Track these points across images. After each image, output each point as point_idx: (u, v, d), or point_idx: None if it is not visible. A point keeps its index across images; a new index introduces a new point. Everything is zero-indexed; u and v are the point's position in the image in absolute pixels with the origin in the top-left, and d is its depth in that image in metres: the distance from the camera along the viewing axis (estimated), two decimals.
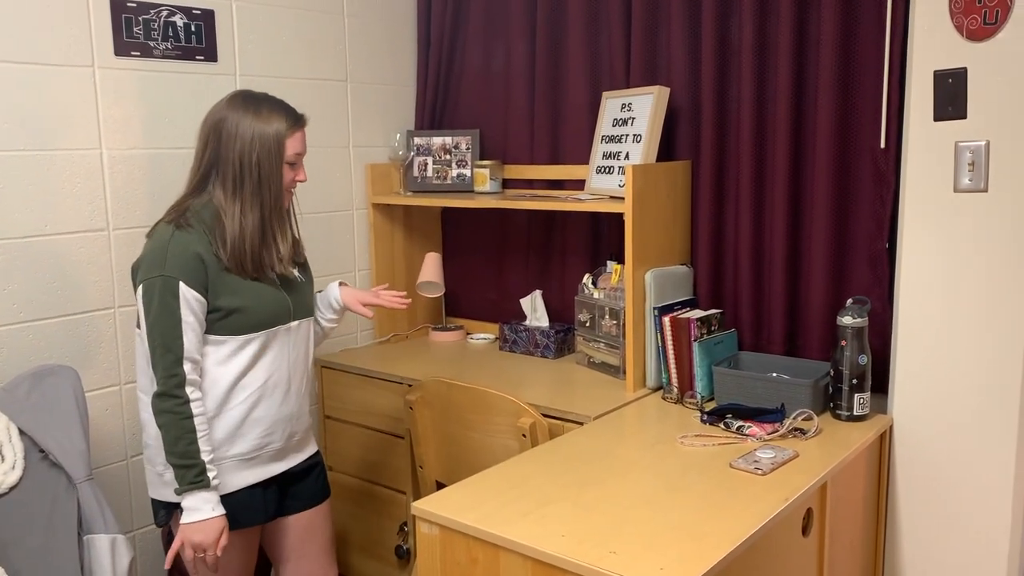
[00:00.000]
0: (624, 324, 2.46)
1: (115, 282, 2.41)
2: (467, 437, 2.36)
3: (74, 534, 1.99)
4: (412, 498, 2.66)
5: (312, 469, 2.14)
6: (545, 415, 2.27)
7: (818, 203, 2.31)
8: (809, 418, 2.08)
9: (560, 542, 1.54)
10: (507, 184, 3.03)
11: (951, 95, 1.95)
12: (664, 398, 2.39)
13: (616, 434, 2.10)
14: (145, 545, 2.54)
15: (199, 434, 1.82)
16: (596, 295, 2.63)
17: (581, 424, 2.22)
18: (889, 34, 2.12)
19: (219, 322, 1.87)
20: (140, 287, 1.84)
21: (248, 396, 1.93)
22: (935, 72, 1.97)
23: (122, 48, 2.37)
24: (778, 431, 2.04)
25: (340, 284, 2.18)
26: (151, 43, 2.43)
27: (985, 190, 1.93)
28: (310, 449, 2.14)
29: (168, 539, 2.51)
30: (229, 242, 1.86)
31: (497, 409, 2.29)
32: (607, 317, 2.57)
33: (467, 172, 3.08)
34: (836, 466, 1.88)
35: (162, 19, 2.44)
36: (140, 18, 2.39)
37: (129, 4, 2.36)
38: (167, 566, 1.87)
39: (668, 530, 1.58)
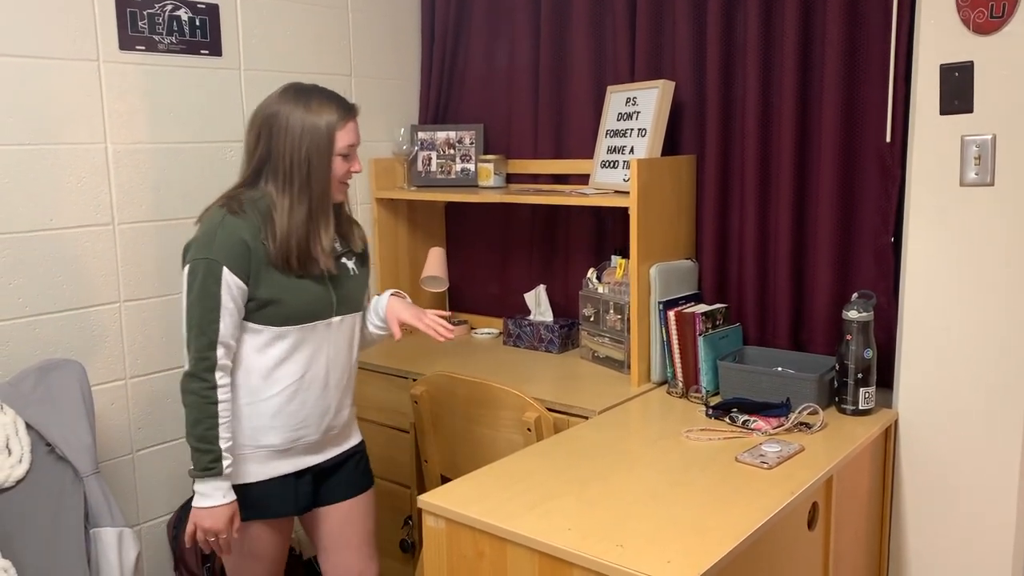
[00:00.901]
0: (629, 318, 2.46)
1: (120, 276, 2.41)
2: (472, 431, 2.37)
3: (80, 528, 1.99)
4: (416, 492, 2.66)
5: (350, 459, 2.10)
6: (550, 409, 2.27)
7: (823, 197, 2.31)
8: (814, 412, 2.08)
9: (567, 535, 1.54)
10: (511, 179, 3.03)
11: (957, 89, 1.94)
12: (669, 392, 2.39)
13: (621, 428, 2.10)
14: (151, 539, 2.55)
15: (221, 420, 1.82)
16: (600, 289, 2.63)
17: (586, 418, 2.22)
18: (895, 28, 2.12)
19: (256, 311, 1.86)
20: (186, 267, 1.84)
21: (283, 389, 1.91)
22: (941, 66, 1.96)
23: (127, 42, 2.37)
24: (783, 425, 2.05)
25: (393, 293, 2.11)
26: (156, 37, 2.43)
27: (992, 184, 1.93)
28: (351, 441, 2.10)
29: (175, 533, 2.53)
30: (278, 238, 1.85)
31: (502, 403, 2.29)
32: (611, 312, 2.57)
33: (471, 167, 3.08)
34: (841, 460, 1.88)
35: (167, 13, 2.44)
36: (145, 12, 2.39)
37: None
38: (188, 544, 1.87)
39: (674, 524, 1.58)
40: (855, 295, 2.16)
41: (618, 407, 2.27)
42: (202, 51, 2.54)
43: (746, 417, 2.09)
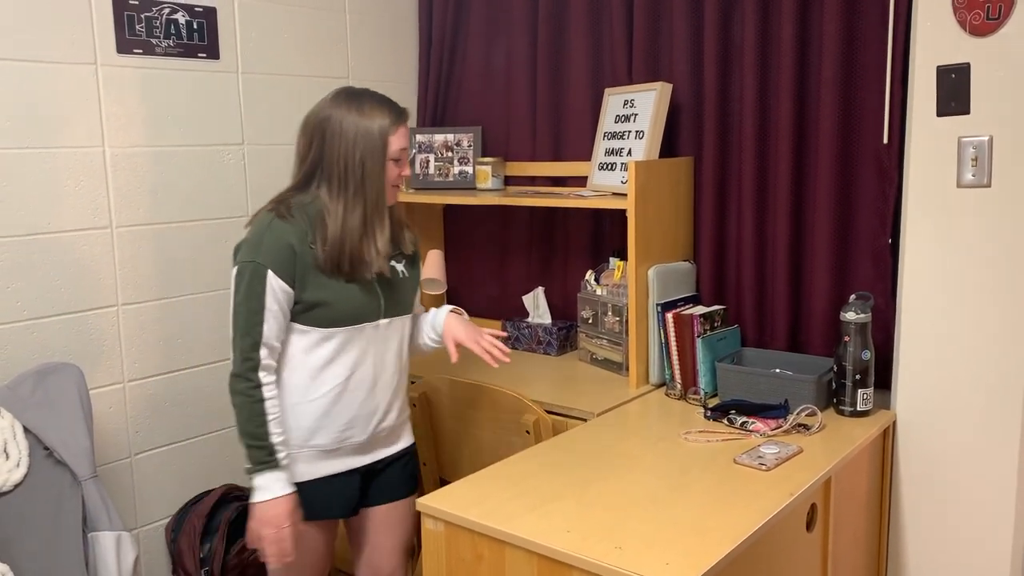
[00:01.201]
0: (627, 321, 2.46)
1: (118, 280, 2.41)
2: (470, 434, 2.37)
3: (79, 531, 1.99)
4: (416, 495, 2.65)
5: (397, 461, 2.10)
6: (548, 412, 2.27)
7: (821, 199, 2.31)
8: (813, 414, 2.08)
9: (565, 538, 1.54)
10: (509, 181, 3.03)
11: (954, 90, 1.95)
12: (667, 394, 2.39)
13: (620, 431, 2.10)
14: (149, 543, 2.54)
15: (270, 416, 1.83)
16: (599, 292, 2.63)
17: (585, 421, 2.22)
18: (892, 29, 2.12)
19: (304, 313, 1.88)
20: (234, 269, 1.86)
21: (330, 390, 1.91)
22: (938, 67, 1.97)
23: (124, 46, 2.37)
24: (782, 427, 2.05)
25: (452, 310, 2.12)
26: (153, 41, 2.43)
27: (988, 185, 1.93)
28: (402, 443, 2.11)
29: (173, 536, 2.52)
30: (329, 242, 1.85)
31: (501, 406, 2.29)
32: (610, 314, 2.57)
33: (469, 169, 3.08)
34: (840, 461, 1.88)
35: (164, 17, 2.44)
36: (142, 16, 2.39)
37: (131, 2, 2.36)
38: (250, 546, 1.87)
39: (673, 526, 1.58)
40: (853, 296, 2.17)
41: (617, 409, 2.27)
42: (199, 54, 2.54)
43: (744, 419, 2.09)
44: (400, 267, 2.02)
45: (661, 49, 2.62)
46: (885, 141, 2.18)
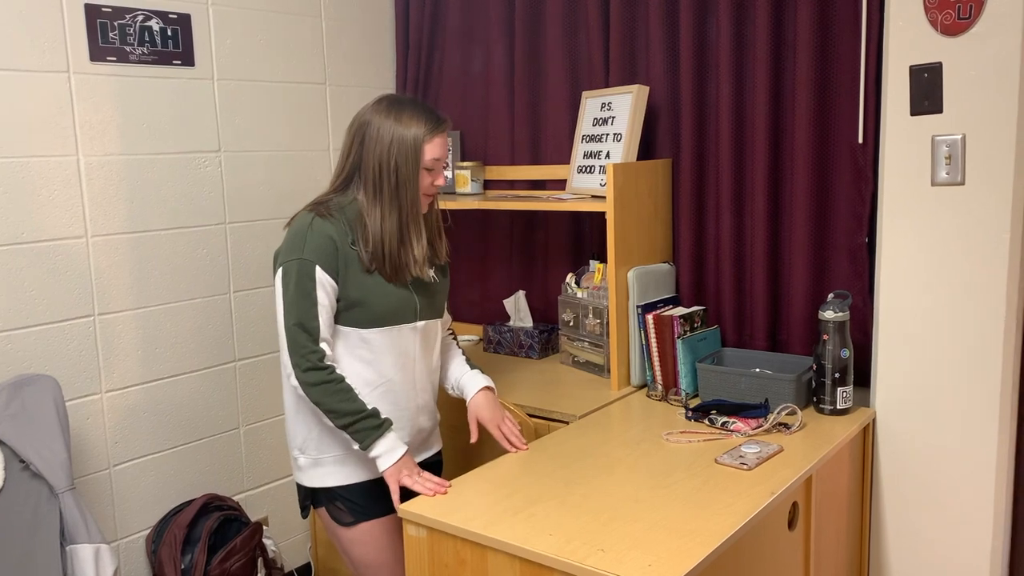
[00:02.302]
0: (608, 323, 2.46)
1: (94, 289, 2.39)
2: (452, 438, 2.36)
3: (56, 544, 1.97)
4: None
5: (431, 467, 2.13)
6: (531, 415, 2.27)
7: (798, 199, 2.32)
8: (793, 413, 2.09)
9: (548, 541, 1.54)
10: (488, 185, 3.03)
11: (927, 90, 1.97)
12: (649, 396, 2.39)
13: (602, 433, 2.10)
14: (130, 554, 2.52)
15: (354, 390, 1.86)
16: (579, 294, 2.64)
17: (567, 423, 2.22)
18: (865, 30, 2.14)
19: (343, 313, 1.90)
20: (279, 271, 1.88)
21: (373, 390, 1.93)
22: (911, 67, 1.98)
23: (97, 53, 2.35)
24: (762, 426, 2.05)
25: (485, 388, 2.10)
26: (127, 48, 2.41)
27: (962, 183, 1.95)
28: (433, 448, 2.14)
29: (154, 548, 2.50)
30: (372, 243, 1.89)
31: None
32: (591, 316, 2.58)
33: (448, 174, 3.07)
34: (820, 460, 1.89)
35: (138, 24, 2.42)
36: (115, 23, 2.37)
37: (104, 9, 2.34)
38: (397, 509, 1.84)
39: (655, 527, 1.58)
40: (831, 295, 2.18)
41: (599, 411, 2.27)
42: (174, 61, 2.52)
43: (725, 419, 2.09)
44: (431, 272, 2.05)
45: (637, 52, 2.63)
46: (860, 141, 2.19)
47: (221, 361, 2.71)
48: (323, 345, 1.86)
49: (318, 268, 1.84)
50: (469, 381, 2.12)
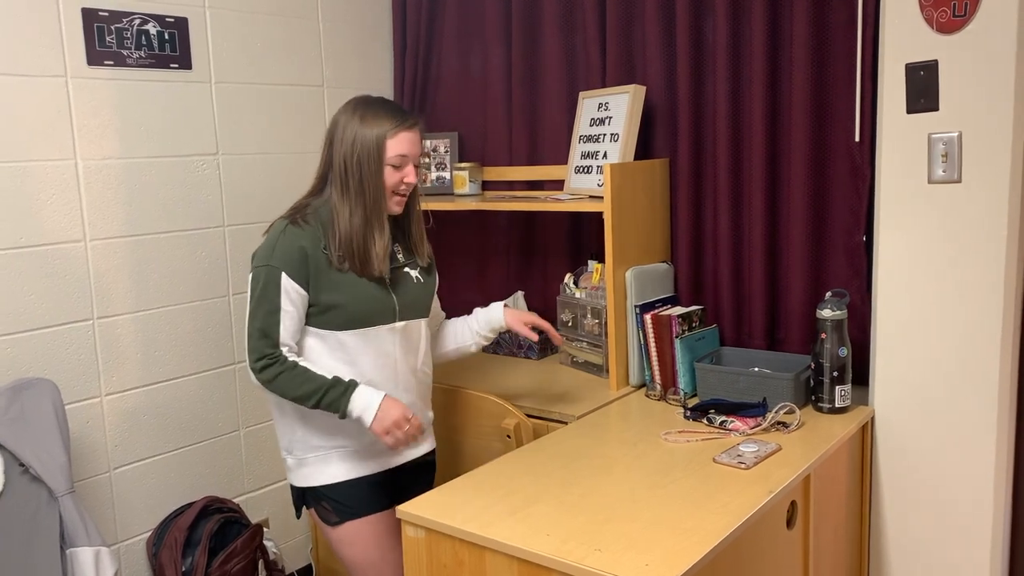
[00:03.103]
0: (606, 323, 2.47)
1: (93, 293, 2.39)
2: (451, 439, 2.36)
3: (56, 548, 1.97)
4: None
5: (421, 467, 2.15)
6: (529, 415, 2.27)
7: (795, 197, 2.32)
8: (791, 411, 2.09)
9: (545, 541, 1.54)
10: (486, 186, 3.03)
11: (923, 88, 1.97)
12: (647, 395, 2.39)
13: (600, 432, 2.11)
14: (130, 557, 2.52)
15: (311, 367, 1.90)
16: (578, 295, 2.64)
17: (565, 423, 2.22)
18: (861, 28, 2.14)
19: (318, 316, 1.94)
20: (250, 275, 1.95)
21: None
22: (907, 65, 1.98)
23: (95, 57, 2.35)
24: (761, 425, 2.05)
25: (502, 306, 2.20)
26: (124, 52, 2.41)
27: (959, 181, 1.95)
28: (426, 446, 2.15)
29: (154, 551, 2.50)
30: (340, 240, 1.93)
31: (481, 410, 2.29)
32: (589, 316, 2.58)
33: (446, 175, 3.08)
34: (819, 458, 1.89)
35: (135, 27, 2.43)
36: (113, 27, 2.38)
37: (101, 13, 2.35)
38: (392, 445, 1.93)
39: (653, 526, 1.58)
40: (828, 294, 2.18)
41: (597, 411, 2.27)
42: (172, 64, 2.52)
43: (723, 418, 2.10)
44: (415, 273, 2.07)
45: (634, 52, 2.63)
46: (857, 139, 2.19)
47: (221, 364, 2.71)
48: (283, 349, 1.90)
49: (284, 275, 1.89)
50: (484, 313, 2.20)
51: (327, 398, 1.88)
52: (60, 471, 2.04)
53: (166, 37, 2.50)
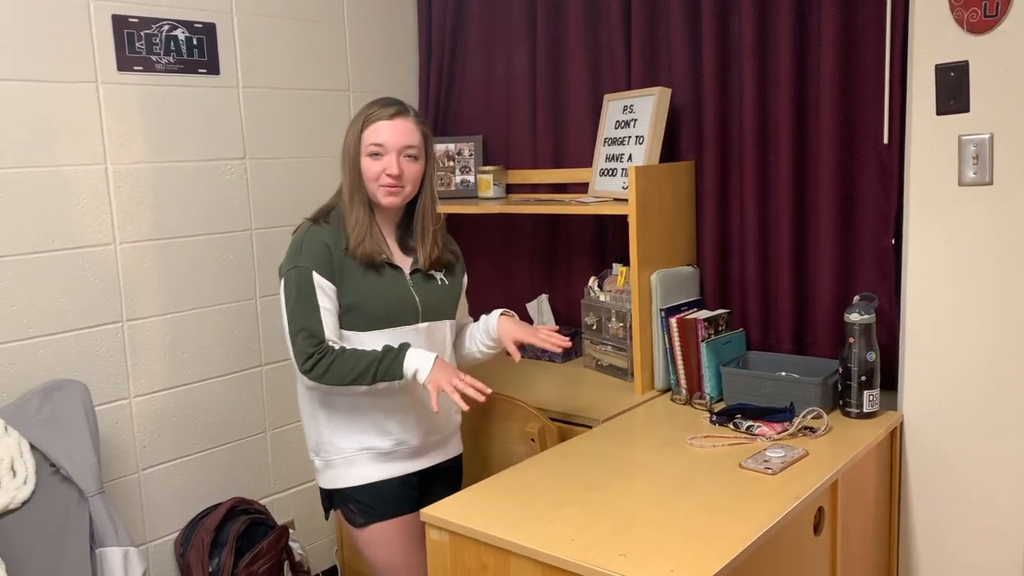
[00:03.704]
0: (631, 326, 2.46)
1: (123, 296, 2.42)
2: (475, 442, 2.36)
3: (86, 547, 2.00)
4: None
5: (446, 471, 2.15)
6: (554, 419, 2.27)
7: (823, 200, 2.30)
8: (818, 416, 2.07)
9: (570, 546, 1.53)
10: (511, 189, 3.04)
11: (953, 89, 1.94)
12: (673, 400, 2.38)
13: (625, 437, 2.10)
14: (158, 557, 2.55)
15: (357, 347, 1.91)
16: (602, 298, 2.63)
17: (590, 427, 2.21)
18: (890, 29, 2.11)
19: (343, 316, 1.95)
20: (281, 281, 1.96)
21: (379, 393, 1.95)
22: (937, 66, 1.96)
23: (125, 63, 2.38)
24: (787, 430, 2.04)
25: (502, 314, 2.16)
26: (153, 57, 2.44)
27: (990, 183, 1.92)
28: (451, 451, 2.16)
29: (182, 551, 2.53)
30: (351, 236, 1.95)
31: (506, 414, 2.29)
32: (614, 320, 2.57)
33: (471, 178, 3.08)
34: (847, 464, 1.87)
35: (164, 33, 2.45)
36: (142, 33, 2.41)
37: (131, 19, 2.38)
38: (435, 409, 1.89)
39: (678, 532, 1.57)
40: (857, 297, 2.16)
41: (622, 415, 2.26)
42: (200, 70, 2.55)
43: (750, 423, 2.08)
44: (439, 275, 2.08)
45: (660, 54, 2.62)
46: (886, 141, 2.17)
47: (248, 366, 2.73)
48: (329, 344, 1.90)
49: (315, 273, 1.90)
50: (487, 320, 2.16)
51: (382, 366, 1.87)
52: (90, 472, 2.07)
53: (194, 43, 2.53)
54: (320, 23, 2.88)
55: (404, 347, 1.90)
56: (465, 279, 2.18)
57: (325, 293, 1.91)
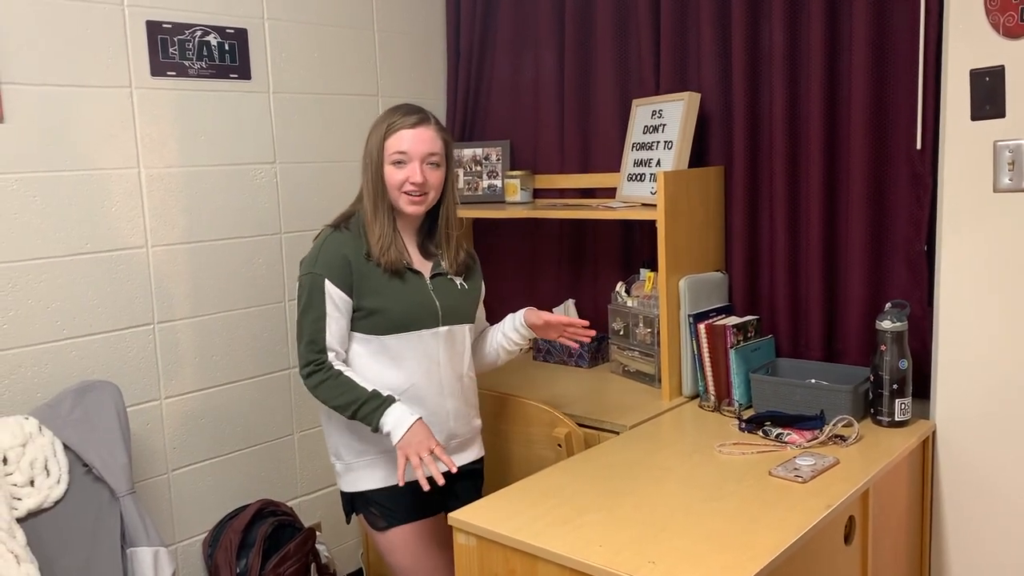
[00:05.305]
0: (659, 332, 2.44)
1: (154, 298, 2.45)
2: (502, 448, 2.36)
3: (117, 547, 2.02)
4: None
5: (469, 475, 2.15)
6: (581, 425, 2.26)
7: (854, 206, 2.28)
8: (849, 424, 2.05)
9: (598, 552, 1.53)
10: (538, 194, 3.04)
11: (988, 94, 1.91)
12: (701, 406, 2.36)
13: (653, 443, 2.09)
14: (187, 557, 2.57)
15: (354, 378, 1.93)
16: (630, 303, 2.62)
17: (617, 433, 2.21)
18: (923, 33, 2.09)
19: (361, 321, 1.97)
20: (297, 283, 2.00)
21: (400, 395, 1.96)
22: (971, 71, 1.93)
23: (158, 68, 2.41)
24: (818, 438, 2.02)
25: (524, 312, 2.19)
26: (186, 63, 2.47)
27: None
28: (471, 455, 2.15)
29: (210, 552, 2.55)
30: (368, 239, 1.97)
31: (532, 419, 2.29)
32: (641, 325, 2.56)
33: (498, 183, 3.09)
34: (878, 473, 1.85)
35: (196, 39, 2.48)
36: (175, 39, 2.44)
37: (164, 25, 2.41)
38: (400, 483, 1.89)
39: (707, 540, 1.56)
40: (888, 305, 2.13)
41: (649, 422, 2.25)
42: (231, 75, 2.58)
43: (780, 430, 2.06)
44: (458, 280, 2.09)
45: (689, 58, 2.61)
46: (919, 146, 2.14)
47: (276, 368, 2.75)
48: (330, 355, 1.94)
49: (327, 282, 1.93)
50: (510, 318, 2.19)
51: (363, 410, 1.90)
52: (122, 472, 2.09)
53: (226, 48, 2.56)
54: (350, 29, 2.90)
55: (388, 400, 1.91)
56: (483, 284, 2.19)
57: (334, 302, 1.94)
